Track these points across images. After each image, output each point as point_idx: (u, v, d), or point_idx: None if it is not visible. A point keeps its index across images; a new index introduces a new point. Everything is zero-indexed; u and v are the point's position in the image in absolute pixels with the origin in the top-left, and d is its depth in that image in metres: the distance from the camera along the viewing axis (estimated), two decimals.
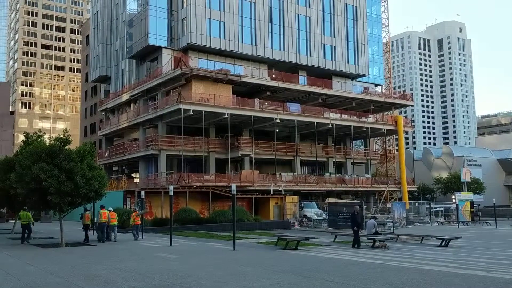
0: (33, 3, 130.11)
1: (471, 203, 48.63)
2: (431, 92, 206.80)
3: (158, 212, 37.66)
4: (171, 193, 23.21)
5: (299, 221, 42.03)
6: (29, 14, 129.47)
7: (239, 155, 47.98)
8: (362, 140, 66.14)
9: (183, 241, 24.84)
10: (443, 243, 22.61)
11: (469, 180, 65.07)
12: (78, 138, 78.58)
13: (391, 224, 35.89)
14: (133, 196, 38.14)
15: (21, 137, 41.71)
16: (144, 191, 30.52)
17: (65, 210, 22.41)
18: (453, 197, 55.66)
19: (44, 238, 26.74)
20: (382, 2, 68.91)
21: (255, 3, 53.97)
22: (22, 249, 21.04)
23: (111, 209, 25.62)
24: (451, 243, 23.04)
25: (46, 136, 24.79)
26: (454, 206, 49.41)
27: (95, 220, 25.86)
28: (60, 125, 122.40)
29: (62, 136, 22.23)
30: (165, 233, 28.27)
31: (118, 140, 60.10)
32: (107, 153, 56.36)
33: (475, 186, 67.88)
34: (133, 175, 56.01)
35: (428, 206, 49.77)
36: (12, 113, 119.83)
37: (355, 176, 57.09)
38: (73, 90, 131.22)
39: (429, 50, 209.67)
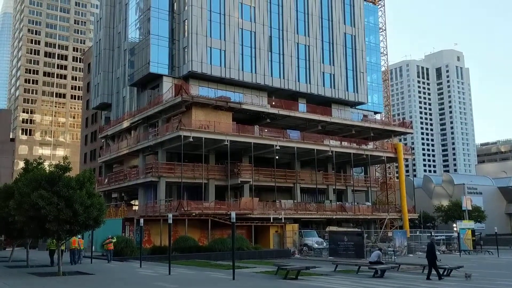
0: (36, 31, 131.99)
1: (473, 231, 48.23)
2: (431, 119, 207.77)
3: (157, 240, 37.31)
4: (170, 221, 23.02)
5: (300, 249, 41.62)
6: (32, 42, 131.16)
7: (239, 182, 47.84)
8: (362, 168, 66.04)
9: (182, 270, 24.54)
10: (445, 273, 22.33)
11: (470, 208, 64.63)
12: (78, 165, 78.52)
13: (392, 253, 35.57)
14: (131, 223, 37.85)
15: (21, 164, 41.71)
16: (143, 219, 30.30)
17: (63, 238, 22.19)
18: (454, 225, 55.24)
19: (41, 266, 26.42)
20: (381, 32, 69.96)
21: (255, 32, 54.76)
22: (19, 278, 20.76)
23: (79, 236, 28.18)
24: (453, 273, 22.74)
25: (46, 163, 24.71)
26: (455, 234, 48.98)
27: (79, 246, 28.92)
28: (60, 152, 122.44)
29: (62, 163, 22.18)
30: (163, 262, 27.97)
31: (117, 167, 60.03)
32: (106, 180, 56.20)
33: (476, 214, 67.46)
34: (132, 202, 55.72)
35: (430, 234, 49.32)
36: (12, 139, 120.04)
37: (355, 204, 56.78)
38: (74, 117, 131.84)
39: (427, 78, 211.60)
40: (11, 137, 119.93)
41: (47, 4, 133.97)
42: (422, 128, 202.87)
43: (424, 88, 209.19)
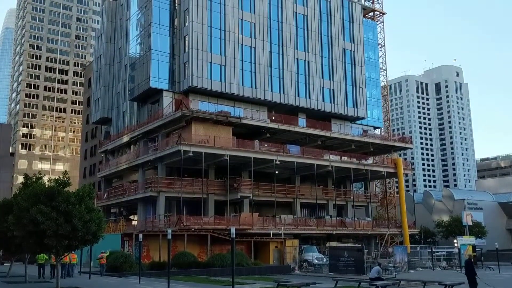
0: (37, 46, 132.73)
1: (474, 247, 47.95)
2: (430, 135, 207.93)
3: (156, 255, 37.09)
4: (170, 236, 22.87)
5: (300, 265, 41.34)
6: (33, 57, 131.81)
7: (239, 197, 47.71)
8: (362, 183, 65.91)
9: (181, 286, 24.33)
10: None
11: (471, 224, 64.25)
12: (78, 180, 78.35)
13: (392, 268, 35.35)
14: (131, 239, 37.68)
15: (20, 179, 41.65)
16: (142, 234, 30.16)
17: (61, 253, 22.02)
18: (455, 241, 54.95)
19: (39, 282, 26.19)
20: (380, 47, 70.41)
21: (255, 48, 55.11)
22: None
23: (72, 252, 28.19)
24: None
25: (45, 178, 24.62)
26: (456, 250, 48.70)
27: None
28: (60, 167, 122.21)
29: (61, 178, 22.09)
30: (162, 277, 27.75)
31: (117, 182, 59.87)
32: (105, 195, 56.03)
33: (477, 230, 67.05)
34: (132, 217, 55.48)
35: (430, 250, 49.04)
36: (12, 154, 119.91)
37: (355, 219, 56.54)
38: (73, 132, 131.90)
39: (427, 94, 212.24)
40: (10, 151, 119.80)
41: (49, 20, 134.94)
42: (421, 143, 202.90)
43: (423, 103, 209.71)
